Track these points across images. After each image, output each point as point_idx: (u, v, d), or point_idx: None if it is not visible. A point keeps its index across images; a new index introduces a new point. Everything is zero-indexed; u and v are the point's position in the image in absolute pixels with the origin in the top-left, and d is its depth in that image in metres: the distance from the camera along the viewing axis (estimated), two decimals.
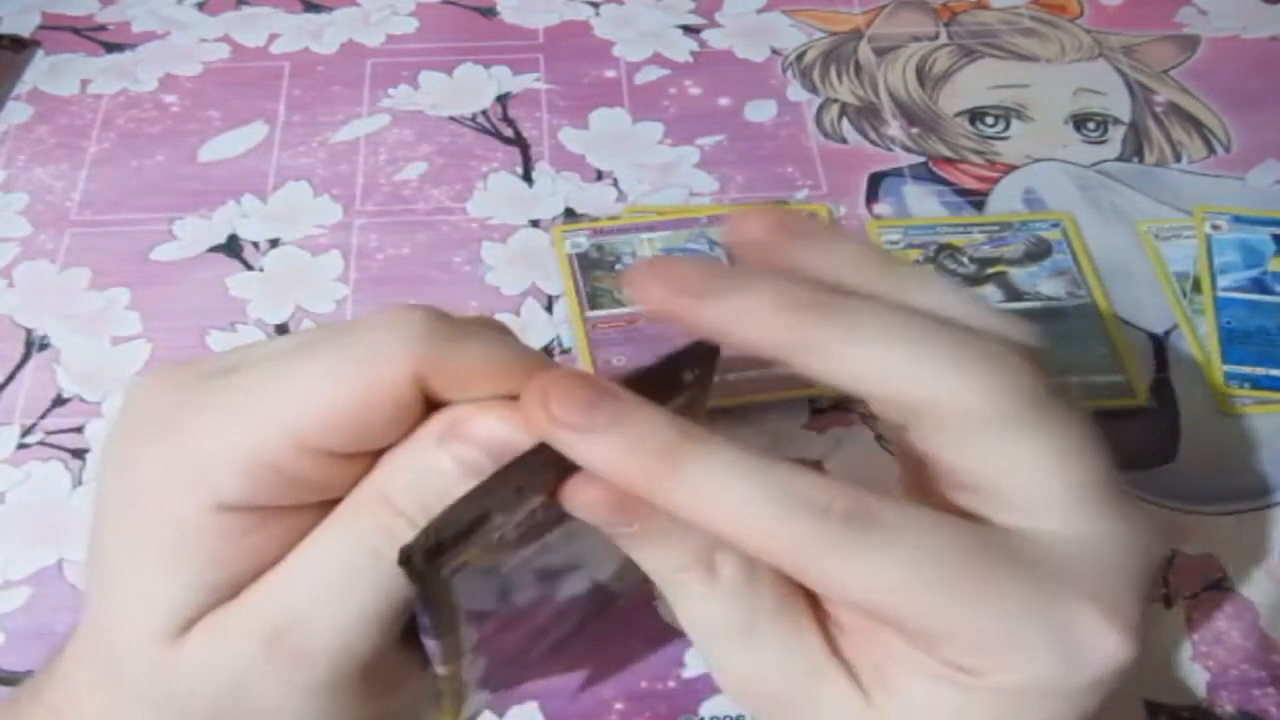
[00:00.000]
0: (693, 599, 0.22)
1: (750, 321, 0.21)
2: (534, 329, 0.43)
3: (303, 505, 0.23)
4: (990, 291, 0.45)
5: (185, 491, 0.22)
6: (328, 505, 0.23)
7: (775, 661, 0.22)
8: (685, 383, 0.23)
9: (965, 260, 0.46)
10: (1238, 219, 0.47)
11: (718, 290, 0.21)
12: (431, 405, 0.22)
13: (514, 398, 0.22)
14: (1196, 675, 0.35)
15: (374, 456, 0.23)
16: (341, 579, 0.22)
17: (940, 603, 0.20)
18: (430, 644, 0.23)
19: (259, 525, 0.22)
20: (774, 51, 0.55)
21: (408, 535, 0.21)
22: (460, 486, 0.21)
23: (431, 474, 0.22)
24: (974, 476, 0.21)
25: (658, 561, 0.22)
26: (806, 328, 0.21)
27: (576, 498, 0.21)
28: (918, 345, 0.20)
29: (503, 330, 0.25)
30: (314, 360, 0.22)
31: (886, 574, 0.20)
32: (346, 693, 0.23)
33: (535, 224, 0.47)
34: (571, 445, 0.20)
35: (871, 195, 0.49)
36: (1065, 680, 0.20)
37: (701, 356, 0.23)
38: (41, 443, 0.40)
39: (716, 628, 0.22)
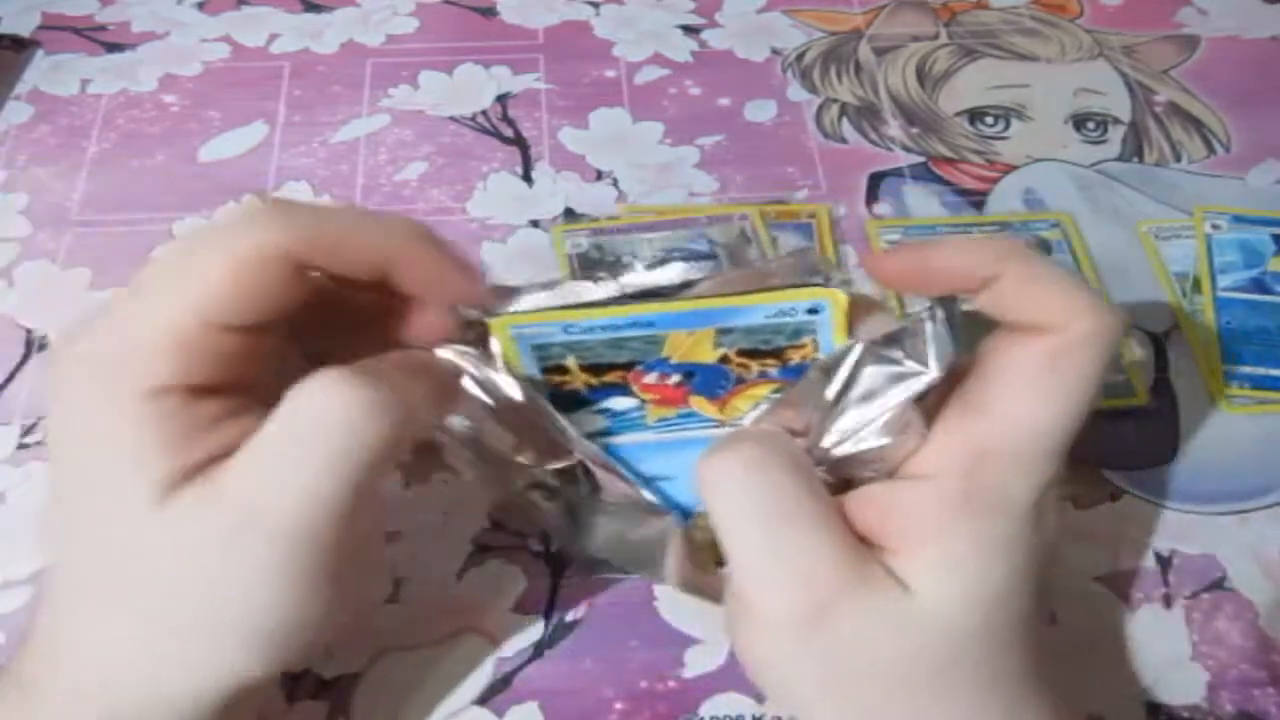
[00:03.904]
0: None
1: (986, 250, 0.27)
2: None
3: (238, 386, 0.25)
4: None
5: (117, 381, 0.24)
6: (260, 391, 0.26)
7: (846, 549, 0.26)
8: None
9: None
10: (1238, 219, 0.47)
11: (937, 244, 0.28)
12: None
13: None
14: (1196, 675, 0.35)
15: (274, 334, 0.26)
16: (301, 454, 0.24)
17: None
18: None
19: (199, 405, 0.25)
20: (774, 51, 0.56)
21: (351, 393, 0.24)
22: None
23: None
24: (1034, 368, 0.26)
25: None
26: (1014, 250, 0.27)
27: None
28: (1075, 279, 0.27)
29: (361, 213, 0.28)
30: (198, 256, 0.25)
31: None
32: (313, 575, 0.24)
33: (535, 224, 0.47)
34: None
35: (871, 195, 0.49)
36: None
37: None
38: (41, 443, 0.40)
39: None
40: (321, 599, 0.25)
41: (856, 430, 0.27)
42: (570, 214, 0.48)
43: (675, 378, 0.29)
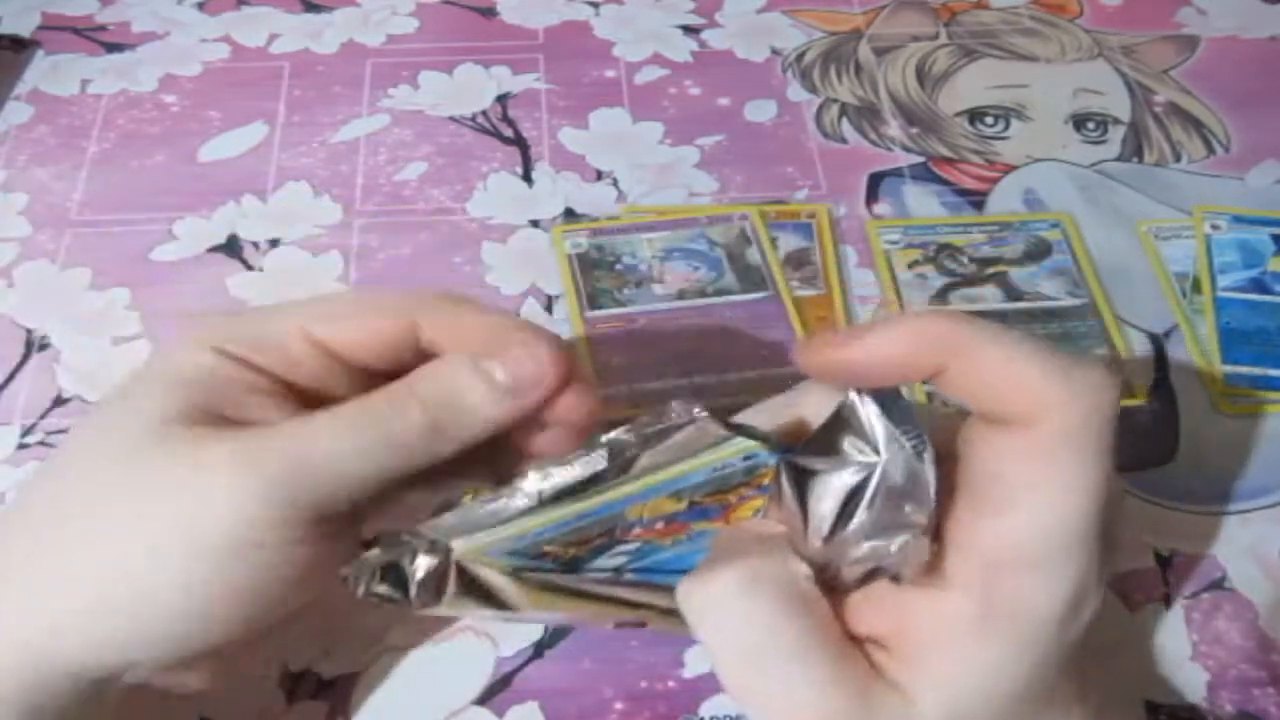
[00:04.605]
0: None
1: (915, 335, 0.24)
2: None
3: (293, 385, 0.28)
4: (990, 291, 0.45)
5: (191, 336, 0.27)
6: (311, 397, 0.28)
7: (831, 679, 0.24)
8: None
9: (965, 260, 0.46)
10: (1237, 219, 0.47)
11: (865, 329, 0.24)
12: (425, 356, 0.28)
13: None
14: (1196, 675, 0.35)
15: (363, 374, 0.28)
16: (356, 446, 0.26)
17: None
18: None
19: (253, 378, 0.27)
20: (774, 51, 0.56)
21: (416, 424, 0.26)
22: (482, 404, 0.27)
23: (458, 385, 0.27)
24: (1015, 479, 0.23)
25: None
26: (961, 333, 0.23)
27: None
28: (1042, 353, 0.23)
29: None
30: (340, 295, 0.30)
31: None
32: (315, 545, 0.26)
33: (535, 224, 0.47)
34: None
35: (871, 195, 0.49)
36: None
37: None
38: (41, 443, 0.40)
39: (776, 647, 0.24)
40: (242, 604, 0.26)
41: (850, 535, 0.24)
42: (570, 214, 0.48)
43: (661, 524, 0.27)
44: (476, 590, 0.27)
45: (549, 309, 0.44)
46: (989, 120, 0.52)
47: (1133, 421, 0.41)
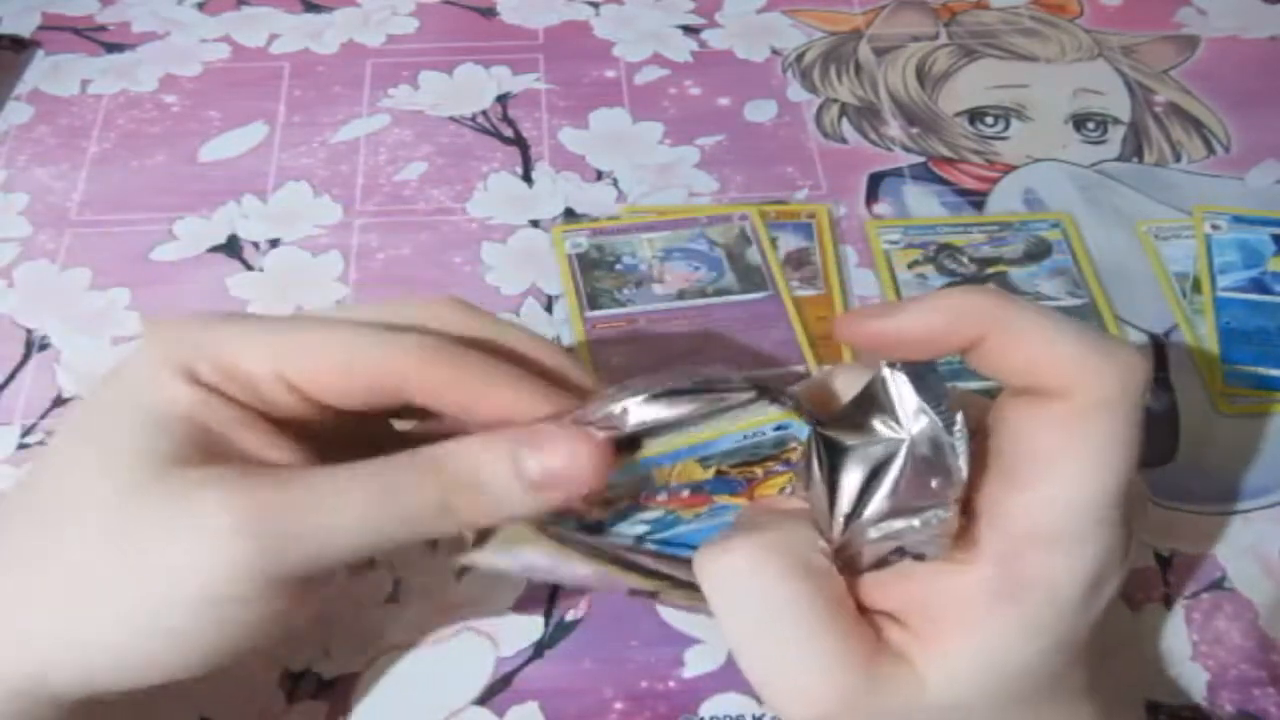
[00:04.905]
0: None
1: (952, 309, 0.24)
2: (534, 329, 0.43)
3: (267, 426, 0.26)
4: None
5: (156, 354, 0.25)
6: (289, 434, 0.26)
7: (838, 653, 0.24)
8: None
9: (965, 260, 0.46)
10: (1237, 219, 0.47)
11: (904, 303, 0.25)
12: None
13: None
14: (1196, 675, 0.35)
15: (341, 415, 0.26)
16: (363, 516, 0.24)
17: None
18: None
19: (233, 412, 0.25)
20: (774, 51, 0.56)
21: (431, 503, 0.24)
22: (507, 497, 0.25)
23: (489, 468, 0.25)
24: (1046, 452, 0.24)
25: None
26: (1001, 307, 0.24)
27: None
28: (1079, 328, 0.24)
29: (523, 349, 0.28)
30: (329, 324, 0.26)
31: None
32: (299, 598, 0.25)
33: (535, 224, 0.47)
34: None
35: (871, 195, 0.49)
36: None
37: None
38: (41, 443, 0.40)
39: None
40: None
41: (874, 514, 0.25)
42: (570, 214, 0.48)
43: (685, 492, 0.27)
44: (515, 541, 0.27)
45: (549, 309, 0.44)
46: (989, 120, 0.52)
47: None
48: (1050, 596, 0.24)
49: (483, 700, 0.34)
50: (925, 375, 0.24)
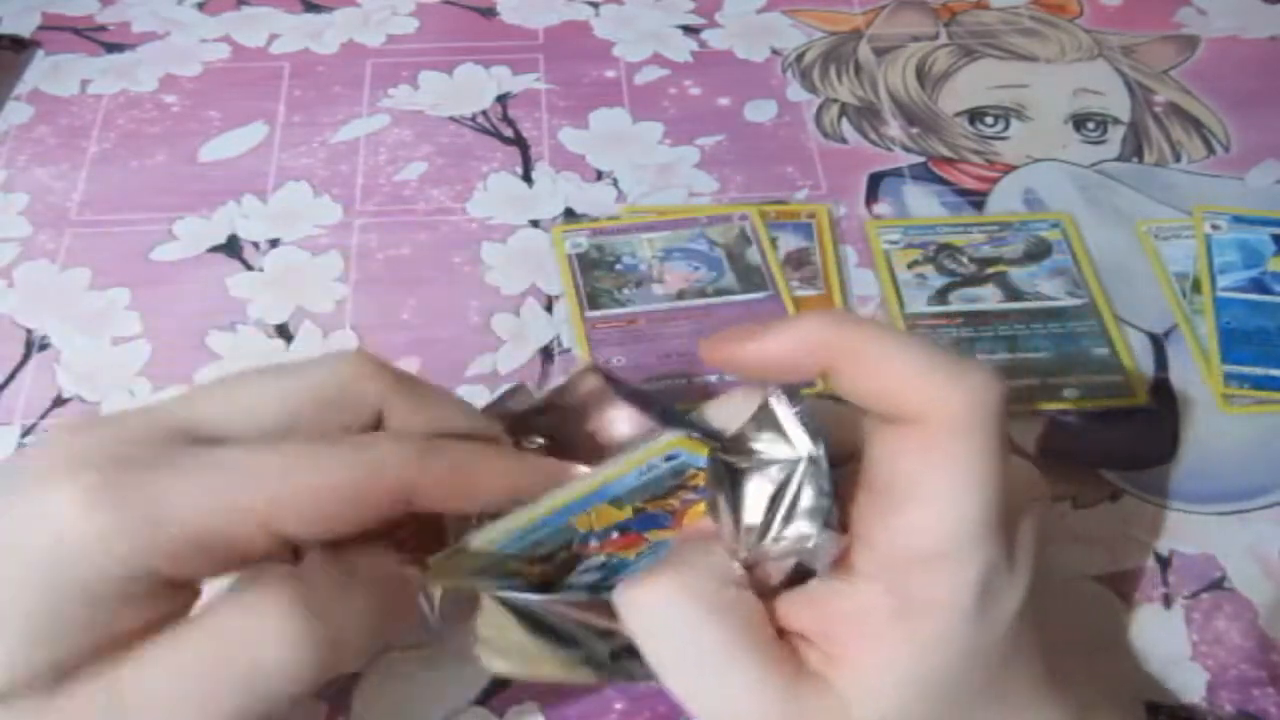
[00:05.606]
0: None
1: (800, 338, 0.25)
2: (534, 329, 0.43)
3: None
4: (990, 291, 0.45)
5: (130, 542, 0.21)
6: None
7: (760, 679, 0.24)
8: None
9: (965, 260, 0.46)
10: (1237, 219, 0.47)
11: (762, 328, 0.25)
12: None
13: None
14: (1196, 675, 0.35)
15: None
16: (207, 673, 0.22)
17: None
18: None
19: (159, 594, 0.22)
20: (774, 51, 0.56)
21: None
22: None
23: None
24: (910, 479, 0.24)
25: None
26: (847, 336, 0.24)
27: None
28: (926, 353, 0.24)
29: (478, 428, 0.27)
30: (306, 456, 0.23)
31: None
32: None
33: (535, 224, 0.47)
34: None
35: (871, 195, 0.49)
36: None
37: None
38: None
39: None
40: None
41: (772, 529, 0.25)
42: (570, 214, 0.48)
43: (615, 534, 0.27)
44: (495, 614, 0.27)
45: (549, 309, 0.44)
46: (989, 120, 0.52)
47: (1133, 421, 0.41)
48: (942, 613, 0.24)
49: (483, 700, 0.34)
50: (796, 395, 0.25)
